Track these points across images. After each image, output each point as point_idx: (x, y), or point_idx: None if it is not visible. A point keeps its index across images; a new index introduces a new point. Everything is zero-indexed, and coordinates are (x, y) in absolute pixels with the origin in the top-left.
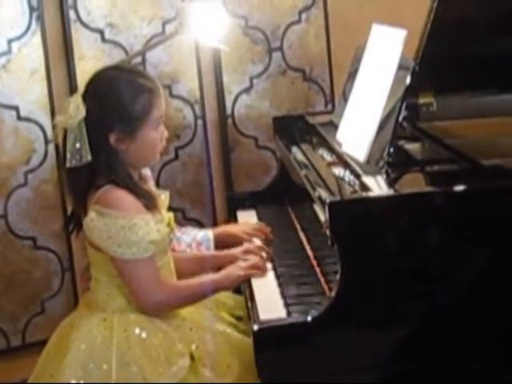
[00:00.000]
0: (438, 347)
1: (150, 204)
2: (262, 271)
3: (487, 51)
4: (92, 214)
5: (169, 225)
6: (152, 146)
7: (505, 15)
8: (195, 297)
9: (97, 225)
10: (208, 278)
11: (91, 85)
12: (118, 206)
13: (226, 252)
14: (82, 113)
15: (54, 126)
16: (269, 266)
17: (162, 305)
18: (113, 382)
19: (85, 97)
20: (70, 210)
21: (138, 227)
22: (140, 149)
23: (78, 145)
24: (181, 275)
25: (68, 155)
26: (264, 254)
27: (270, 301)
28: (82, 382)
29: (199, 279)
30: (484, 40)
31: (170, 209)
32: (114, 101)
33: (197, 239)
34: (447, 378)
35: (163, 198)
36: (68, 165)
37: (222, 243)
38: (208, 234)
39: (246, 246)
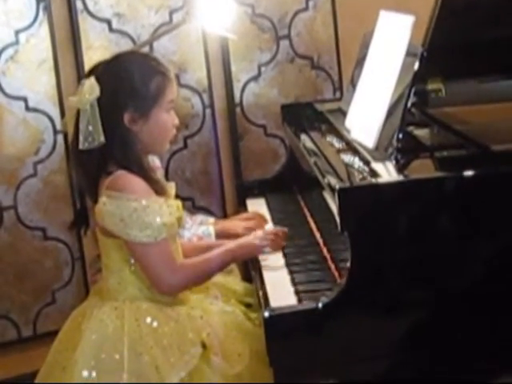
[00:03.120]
0: (449, 334)
1: (159, 189)
2: (277, 245)
3: (495, 36)
4: (104, 199)
5: (178, 211)
6: (164, 129)
7: None
8: (211, 271)
9: (109, 208)
10: (222, 249)
11: (105, 66)
12: (129, 189)
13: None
14: (96, 92)
15: (62, 116)
16: (279, 253)
17: (179, 286)
18: (125, 371)
19: (98, 78)
20: (78, 205)
21: (151, 209)
22: (153, 131)
23: (90, 127)
24: None
25: (81, 137)
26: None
27: (281, 288)
28: (94, 372)
29: (213, 253)
30: (492, 25)
31: (178, 198)
32: (129, 80)
33: (198, 234)
34: (458, 366)
35: (170, 188)
36: (81, 147)
37: (222, 239)
38: (209, 228)
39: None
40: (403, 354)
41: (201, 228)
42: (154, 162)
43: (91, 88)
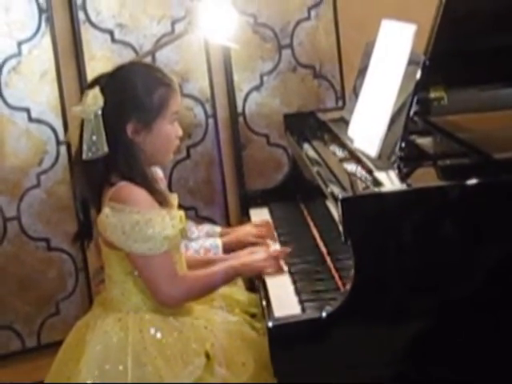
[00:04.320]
0: (453, 343)
1: (163, 201)
2: (280, 267)
3: (497, 44)
4: (106, 210)
5: (181, 222)
6: (167, 140)
7: None
8: (212, 286)
9: (111, 220)
10: (226, 265)
11: (109, 77)
12: (132, 201)
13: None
14: (100, 103)
15: (65, 126)
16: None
17: (180, 298)
18: (129, 382)
19: (102, 88)
20: (81, 216)
21: (154, 222)
22: (156, 142)
23: (94, 137)
24: None
25: (84, 147)
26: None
27: (285, 298)
28: (98, 382)
29: (216, 268)
30: (494, 33)
31: (181, 208)
32: (133, 90)
33: (205, 246)
34: (462, 374)
35: (173, 199)
36: (84, 157)
37: (230, 251)
38: (216, 241)
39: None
40: (407, 362)
41: (208, 240)
42: (157, 173)
43: (95, 98)
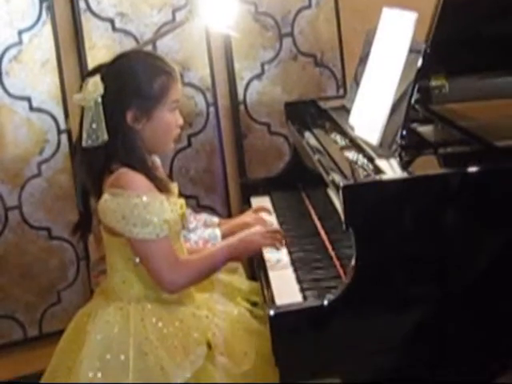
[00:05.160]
0: (454, 331)
1: (163, 187)
2: (278, 241)
3: (499, 32)
4: (106, 196)
5: (181, 209)
6: (167, 128)
7: None
8: (212, 267)
9: (110, 205)
10: (222, 244)
11: (110, 65)
12: (131, 187)
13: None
14: (100, 90)
15: (66, 115)
16: (284, 250)
17: (182, 283)
18: (130, 372)
19: (103, 76)
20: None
21: (153, 206)
22: (155, 130)
23: (94, 125)
24: None
25: (84, 135)
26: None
27: (286, 286)
28: (99, 373)
29: (213, 249)
30: (495, 20)
31: (181, 196)
32: (133, 78)
33: (204, 237)
34: (462, 363)
35: (173, 187)
36: (84, 144)
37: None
38: (215, 231)
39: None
40: (408, 350)
41: (207, 231)
42: (156, 162)
43: (95, 86)
